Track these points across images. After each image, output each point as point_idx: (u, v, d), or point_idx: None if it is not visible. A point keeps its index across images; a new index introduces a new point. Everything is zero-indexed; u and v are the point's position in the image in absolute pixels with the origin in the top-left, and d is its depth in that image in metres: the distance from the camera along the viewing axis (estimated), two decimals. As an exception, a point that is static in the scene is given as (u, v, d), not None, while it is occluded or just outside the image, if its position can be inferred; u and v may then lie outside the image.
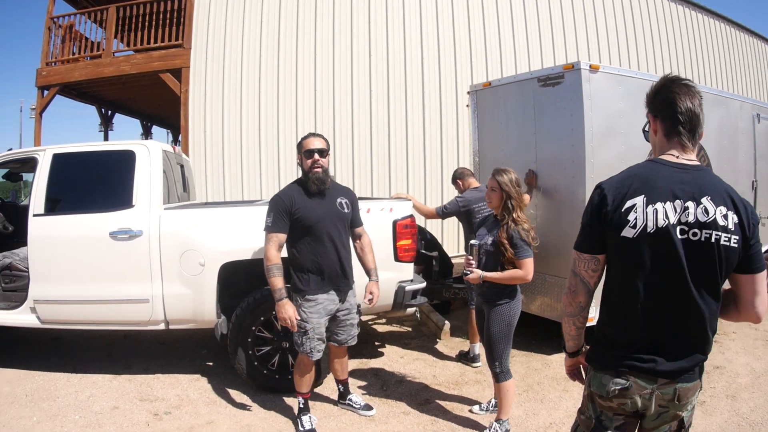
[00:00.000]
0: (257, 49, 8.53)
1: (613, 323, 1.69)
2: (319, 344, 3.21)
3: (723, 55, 12.65)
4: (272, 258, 3.02)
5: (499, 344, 3.12)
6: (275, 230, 3.06)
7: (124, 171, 3.98)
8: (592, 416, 1.74)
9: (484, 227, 3.32)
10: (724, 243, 1.53)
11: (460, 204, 4.49)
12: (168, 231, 3.80)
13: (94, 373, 4.27)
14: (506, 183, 3.09)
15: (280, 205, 3.08)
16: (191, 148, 8.21)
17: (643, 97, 2.18)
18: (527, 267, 3.04)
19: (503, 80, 5.15)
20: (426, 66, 9.06)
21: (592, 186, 4.21)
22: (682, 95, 1.64)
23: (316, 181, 3.13)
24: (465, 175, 4.79)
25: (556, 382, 4.14)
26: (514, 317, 3.15)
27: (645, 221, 1.55)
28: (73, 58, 9.69)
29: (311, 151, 3.15)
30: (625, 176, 1.66)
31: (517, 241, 3.02)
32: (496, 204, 3.16)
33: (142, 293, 3.83)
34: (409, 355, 4.75)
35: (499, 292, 3.12)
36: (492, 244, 3.12)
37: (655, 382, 1.60)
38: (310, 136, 3.24)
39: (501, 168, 3.18)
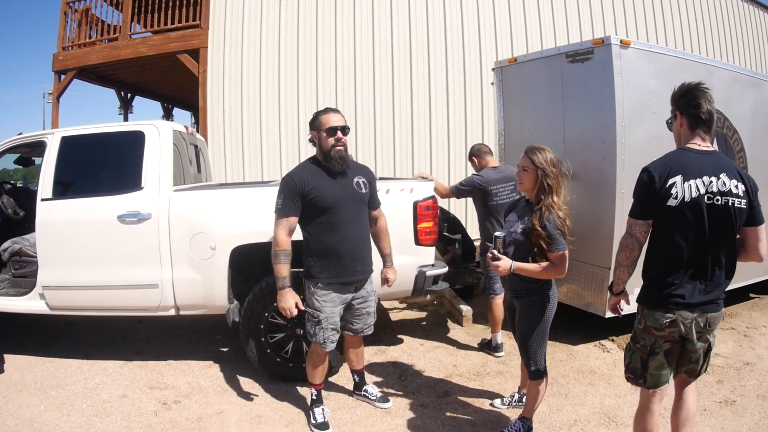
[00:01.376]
0: (276, 27, 8.31)
1: (659, 271, 2.28)
2: (333, 334, 3.03)
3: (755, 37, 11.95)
4: (281, 243, 2.81)
5: (533, 342, 2.84)
6: (285, 213, 2.84)
7: (134, 152, 3.86)
8: (647, 345, 2.32)
9: (513, 212, 2.95)
10: (738, 206, 2.19)
11: (476, 182, 4.22)
12: (177, 214, 3.67)
13: (106, 360, 4.22)
14: (541, 161, 2.73)
15: (291, 186, 2.85)
16: (210, 130, 8.09)
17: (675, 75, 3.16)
18: (561, 261, 2.67)
19: (529, 56, 4.85)
20: (449, 41, 8.72)
21: (623, 167, 4.09)
22: (703, 99, 2.26)
23: (339, 160, 2.89)
24: (482, 152, 4.46)
25: (581, 375, 3.91)
26: (549, 313, 2.85)
27: (683, 194, 2.17)
28: (90, 41, 9.65)
29: (334, 128, 2.89)
30: (665, 161, 2.28)
31: (551, 230, 2.64)
32: (528, 186, 2.79)
33: (152, 278, 3.72)
34: (429, 343, 4.57)
35: (531, 286, 2.79)
36: (522, 233, 2.76)
37: (693, 313, 2.22)
38: (330, 111, 2.97)
39: (535, 146, 2.84)
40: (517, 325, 2.91)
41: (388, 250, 3.25)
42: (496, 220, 4.15)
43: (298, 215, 2.88)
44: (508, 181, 4.18)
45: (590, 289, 4.35)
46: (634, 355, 2.39)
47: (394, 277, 3.21)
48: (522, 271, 2.72)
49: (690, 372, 2.42)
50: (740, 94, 4.87)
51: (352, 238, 2.95)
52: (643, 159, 4.21)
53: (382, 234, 3.23)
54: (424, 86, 8.65)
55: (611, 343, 4.51)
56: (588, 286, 4.36)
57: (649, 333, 2.29)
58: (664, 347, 2.28)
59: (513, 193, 4.15)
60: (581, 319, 4.59)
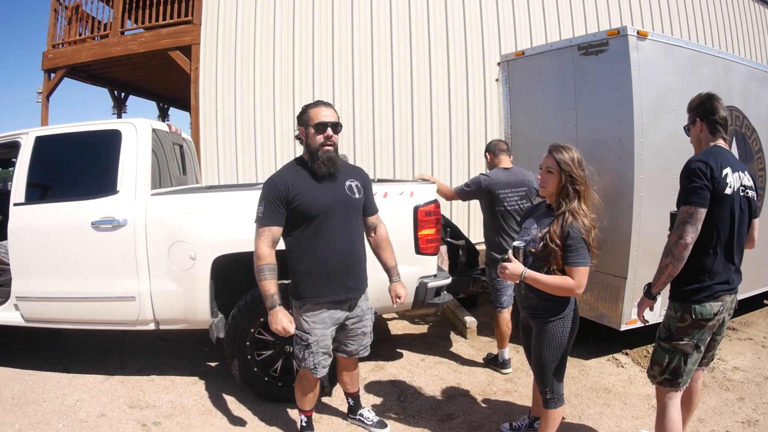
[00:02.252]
0: (271, 22, 8.00)
1: (706, 262, 2.36)
2: (325, 359, 2.67)
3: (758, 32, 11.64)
4: (264, 256, 2.45)
5: (551, 368, 2.50)
6: (267, 223, 2.48)
7: (110, 153, 3.56)
8: (692, 340, 2.38)
9: (531, 218, 2.60)
10: (753, 198, 2.48)
11: (483, 183, 3.86)
12: (154, 220, 3.36)
13: (87, 373, 3.97)
14: (567, 161, 2.40)
15: (275, 192, 2.49)
16: (202, 129, 7.78)
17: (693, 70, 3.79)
18: (580, 277, 2.32)
19: (538, 49, 4.54)
20: (451, 35, 8.39)
21: (641, 169, 3.71)
22: (719, 107, 2.53)
23: (327, 161, 2.52)
24: (498, 149, 4.03)
25: (595, 393, 3.60)
26: (570, 336, 2.50)
27: (733, 183, 2.35)
28: (80, 39, 9.37)
29: (324, 124, 2.51)
30: (714, 155, 2.39)
31: (574, 241, 2.31)
32: (551, 189, 2.45)
33: (128, 290, 3.42)
34: (430, 357, 4.25)
35: (550, 305, 2.45)
36: (542, 242, 2.41)
37: (731, 295, 2.41)
38: (320, 104, 2.58)
39: (560, 144, 2.49)
40: (533, 348, 2.57)
41: (392, 263, 2.87)
42: (503, 228, 3.84)
43: (283, 225, 2.53)
44: (518, 186, 3.85)
45: (604, 300, 4.04)
46: (674, 355, 2.41)
47: (405, 292, 2.84)
48: (534, 281, 2.37)
49: (709, 361, 2.65)
50: (758, 91, 4.58)
51: (345, 251, 2.60)
52: (662, 160, 3.97)
53: (383, 244, 2.87)
54: (425, 82, 8.34)
55: (625, 357, 4.21)
56: (602, 297, 4.05)
57: (699, 327, 2.37)
58: (706, 339, 2.43)
59: (523, 200, 3.83)
60: (593, 331, 4.27)
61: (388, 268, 2.86)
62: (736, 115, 4.39)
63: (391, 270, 2.86)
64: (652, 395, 3.56)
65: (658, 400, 2.53)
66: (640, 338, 4.39)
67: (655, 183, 3.86)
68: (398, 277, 2.86)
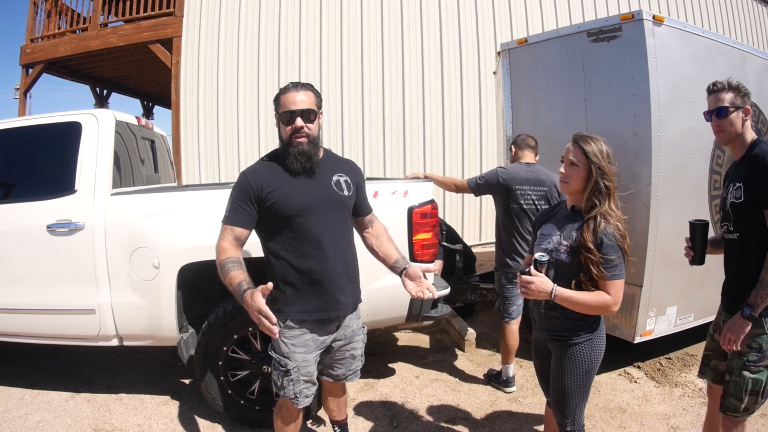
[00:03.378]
0: (256, 14, 7.64)
1: None
2: (308, 388, 2.24)
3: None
4: (223, 250, 2.03)
5: (574, 398, 2.10)
6: (232, 222, 2.07)
7: (68, 148, 3.17)
8: None
9: (550, 223, 2.17)
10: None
11: (501, 176, 3.48)
12: (114, 223, 2.97)
13: (52, 389, 3.62)
14: (596, 153, 2.00)
15: (244, 189, 2.09)
16: (183, 126, 7.43)
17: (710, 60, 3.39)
18: (616, 291, 1.94)
19: (543, 36, 4.19)
20: (444, 25, 8.10)
21: (658, 165, 3.31)
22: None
23: (298, 156, 2.08)
24: (525, 144, 3.65)
25: (609, 414, 3.25)
26: (598, 361, 2.11)
27: None
28: (59, 32, 9.01)
29: (290, 113, 2.08)
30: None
31: (610, 249, 1.93)
32: (577, 186, 2.04)
33: (88, 302, 3.03)
34: (425, 374, 3.88)
35: (577, 326, 2.05)
36: (568, 253, 2.02)
37: None
38: (290, 89, 2.12)
39: (585, 134, 2.09)
40: (553, 375, 2.16)
41: (398, 254, 2.32)
42: (517, 229, 3.49)
43: (251, 227, 2.12)
44: (538, 184, 3.49)
45: (618, 310, 3.70)
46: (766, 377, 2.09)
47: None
48: (565, 300, 1.97)
49: None
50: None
51: (332, 257, 2.16)
52: (680, 157, 3.59)
53: (383, 237, 2.37)
54: (417, 76, 8.03)
55: (637, 371, 3.87)
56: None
57: None
58: None
59: (542, 201, 3.47)
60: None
61: (393, 259, 2.28)
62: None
63: (399, 261, 2.27)
64: (670, 414, 3.24)
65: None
66: (651, 350, 4.07)
67: (673, 182, 3.54)
68: (407, 264, 2.24)
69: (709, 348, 2.37)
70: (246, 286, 1.90)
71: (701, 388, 3.58)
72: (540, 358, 2.31)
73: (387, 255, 2.31)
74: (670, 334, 3.85)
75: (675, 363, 3.98)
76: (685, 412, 3.28)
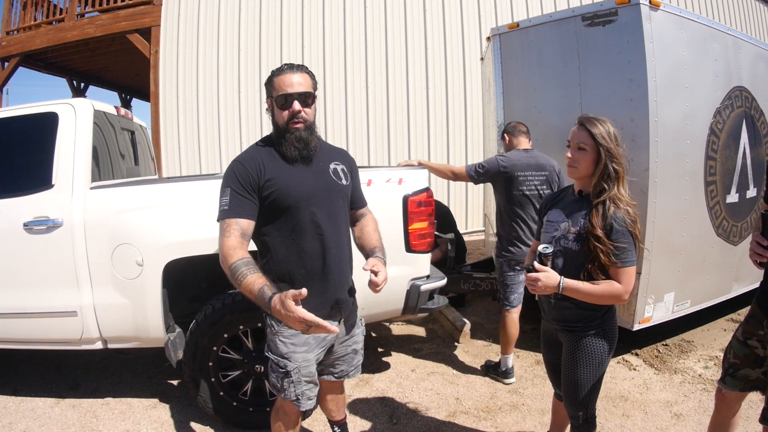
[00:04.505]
0: (236, 3, 7.41)
1: None
2: (310, 389, 2.09)
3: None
4: (232, 252, 1.80)
5: (587, 389, 2.04)
6: (235, 214, 1.86)
7: (44, 140, 2.98)
8: None
9: (557, 209, 2.10)
10: None
11: (500, 164, 3.39)
12: (94, 219, 2.80)
13: (36, 396, 3.45)
14: (604, 135, 1.93)
15: (242, 176, 1.90)
16: (162, 117, 7.21)
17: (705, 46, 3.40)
18: (628, 279, 1.88)
19: (535, 20, 4.09)
20: (428, 14, 7.98)
21: (656, 151, 3.24)
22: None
23: (295, 142, 1.95)
24: (517, 130, 3.59)
25: (612, 403, 3.20)
26: (610, 352, 2.05)
27: None
28: (35, 24, 8.70)
29: (288, 97, 1.93)
30: None
31: (621, 235, 1.86)
32: (584, 171, 1.97)
33: (69, 303, 2.86)
34: (422, 366, 3.80)
35: (589, 315, 1.99)
36: (577, 240, 1.96)
37: None
38: (286, 70, 1.96)
39: (591, 116, 2.01)
40: (565, 367, 2.10)
41: (379, 243, 2.16)
42: (520, 216, 3.42)
43: (254, 217, 1.93)
44: (539, 169, 3.42)
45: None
46: None
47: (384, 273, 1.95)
48: (573, 291, 1.91)
49: None
50: (765, 73, 4.30)
51: (333, 250, 2.02)
52: (677, 142, 3.52)
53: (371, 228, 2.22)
54: (401, 63, 7.91)
55: (636, 359, 3.83)
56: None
57: None
58: None
59: (543, 186, 3.40)
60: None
61: (371, 247, 2.12)
62: (746, 96, 4.07)
63: (375, 249, 2.11)
64: (672, 401, 3.21)
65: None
66: (648, 337, 4.04)
67: (670, 168, 3.51)
68: (382, 255, 2.09)
69: (738, 356, 2.12)
70: (270, 293, 1.73)
71: (701, 374, 3.56)
72: (550, 349, 2.25)
73: (369, 243, 2.15)
74: (667, 320, 3.83)
75: (672, 350, 3.95)
76: (687, 398, 3.24)
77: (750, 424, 2.82)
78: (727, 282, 4.21)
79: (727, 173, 3.92)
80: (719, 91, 3.79)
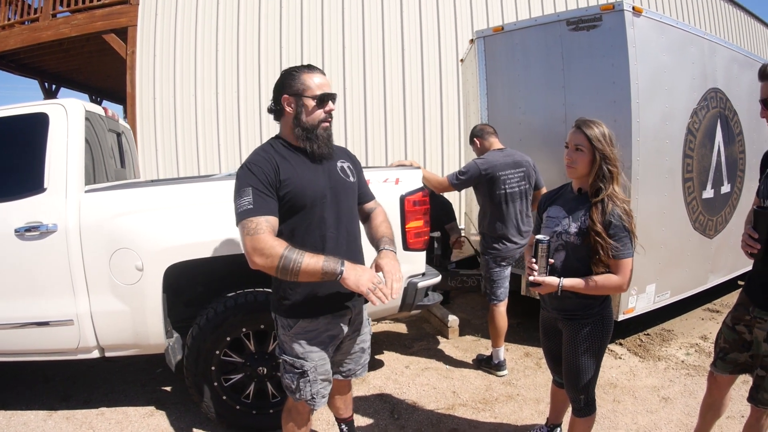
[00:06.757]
0: (214, 2, 7.34)
1: None
2: (324, 387, 2.12)
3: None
4: (275, 245, 1.79)
5: (588, 374, 2.20)
6: (261, 212, 1.83)
7: (34, 142, 2.89)
8: None
9: (557, 206, 2.25)
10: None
11: (481, 168, 3.47)
12: (91, 223, 2.74)
13: (27, 409, 3.33)
14: (599, 137, 2.07)
15: (262, 176, 1.88)
16: (139, 119, 7.08)
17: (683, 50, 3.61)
18: (625, 271, 2.05)
19: (520, 24, 4.20)
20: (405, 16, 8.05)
21: (638, 150, 3.38)
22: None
23: (327, 140, 2.00)
24: (486, 132, 3.69)
25: (602, 390, 3.33)
26: (608, 337, 2.21)
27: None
28: (8, 24, 8.40)
29: (328, 96, 1.97)
30: None
31: (618, 230, 2.03)
32: (582, 171, 2.12)
33: (64, 312, 2.80)
34: (415, 363, 3.86)
35: (589, 303, 2.15)
36: (578, 234, 2.11)
37: None
38: (316, 70, 2.00)
39: (587, 119, 2.16)
40: (567, 354, 2.23)
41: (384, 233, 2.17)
42: (505, 213, 3.52)
43: (278, 214, 1.91)
44: (516, 167, 3.53)
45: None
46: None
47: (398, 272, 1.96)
48: (573, 288, 2.08)
49: None
50: (739, 74, 4.53)
51: (346, 248, 2.04)
52: (658, 141, 3.68)
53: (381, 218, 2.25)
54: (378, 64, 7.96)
55: (620, 348, 3.99)
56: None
57: None
58: None
59: (523, 182, 3.52)
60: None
61: (381, 237, 2.14)
62: (720, 97, 4.28)
63: (382, 239, 2.13)
64: (659, 386, 3.37)
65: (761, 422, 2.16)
66: (630, 327, 4.21)
67: (651, 165, 3.67)
68: (394, 248, 2.09)
69: (728, 341, 2.26)
70: (339, 261, 1.83)
71: (683, 360, 3.73)
72: (549, 337, 2.39)
73: (380, 234, 2.17)
74: (649, 311, 3.99)
75: (654, 338, 4.12)
76: (672, 383, 3.40)
77: (735, 405, 2.97)
78: (703, 273, 4.41)
79: (703, 170, 4.11)
80: (696, 92, 3.98)
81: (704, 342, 4.05)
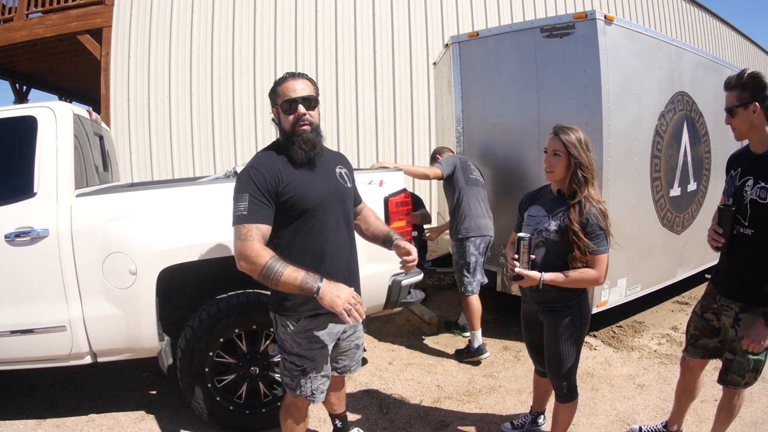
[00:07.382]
0: (189, 4, 7.32)
1: None
2: (323, 383, 2.22)
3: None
4: (260, 254, 1.87)
5: (569, 361, 2.37)
6: (254, 219, 1.91)
7: (23, 146, 2.87)
8: None
9: (537, 205, 2.41)
10: None
11: (457, 157, 4.10)
12: (83, 227, 2.75)
13: (15, 418, 3.28)
14: (574, 143, 2.22)
15: (261, 182, 1.95)
16: (113, 121, 7.03)
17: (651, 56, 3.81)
18: (602, 265, 2.22)
19: (495, 30, 4.36)
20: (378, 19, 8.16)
21: (608, 152, 3.63)
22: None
23: (303, 144, 2.02)
24: (444, 149, 4.48)
25: (580, 379, 3.37)
26: (586, 326, 2.40)
27: None
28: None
29: (292, 101, 2.02)
30: None
31: (595, 228, 2.20)
32: (560, 175, 2.28)
33: (57, 318, 2.80)
34: (398, 359, 3.98)
35: (568, 295, 2.32)
36: (557, 232, 2.27)
37: None
38: (288, 78, 2.07)
39: (564, 125, 2.31)
40: (548, 343, 2.41)
41: (386, 229, 2.41)
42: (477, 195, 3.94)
43: (272, 223, 1.99)
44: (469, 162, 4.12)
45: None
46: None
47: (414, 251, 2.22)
48: (553, 282, 2.26)
49: None
50: (704, 78, 4.79)
51: (344, 251, 2.15)
52: (627, 143, 3.90)
53: (370, 218, 2.44)
54: (350, 66, 8.03)
55: (594, 340, 4.18)
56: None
57: None
58: None
59: (477, 171, 4.08)
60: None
61: (383, 232, 2.36)
62: (687, 100, 4.50)
63: (388, 233, 2.35)
64: (634, 375, 3.56)
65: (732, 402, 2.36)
66: (602, 320, 4.41)
67: (621, 166, 3.86)
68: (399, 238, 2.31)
69: (698, 328, 2.46)
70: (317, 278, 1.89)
71: (656, 350, 3.94)
72: (530, 329, 2.56)
73: (379, 230, 2.39)
74: (620, 304, 4.20)
75: (626, 330, 4.33)
76: (646, 371, 3.61)
77: (708, 390, 3.17)
78: (672, 267, 4.65)
79: (670, 170, 4.33)
80: (663, 96, 4.19)
81: (675, 332, 4.28)
